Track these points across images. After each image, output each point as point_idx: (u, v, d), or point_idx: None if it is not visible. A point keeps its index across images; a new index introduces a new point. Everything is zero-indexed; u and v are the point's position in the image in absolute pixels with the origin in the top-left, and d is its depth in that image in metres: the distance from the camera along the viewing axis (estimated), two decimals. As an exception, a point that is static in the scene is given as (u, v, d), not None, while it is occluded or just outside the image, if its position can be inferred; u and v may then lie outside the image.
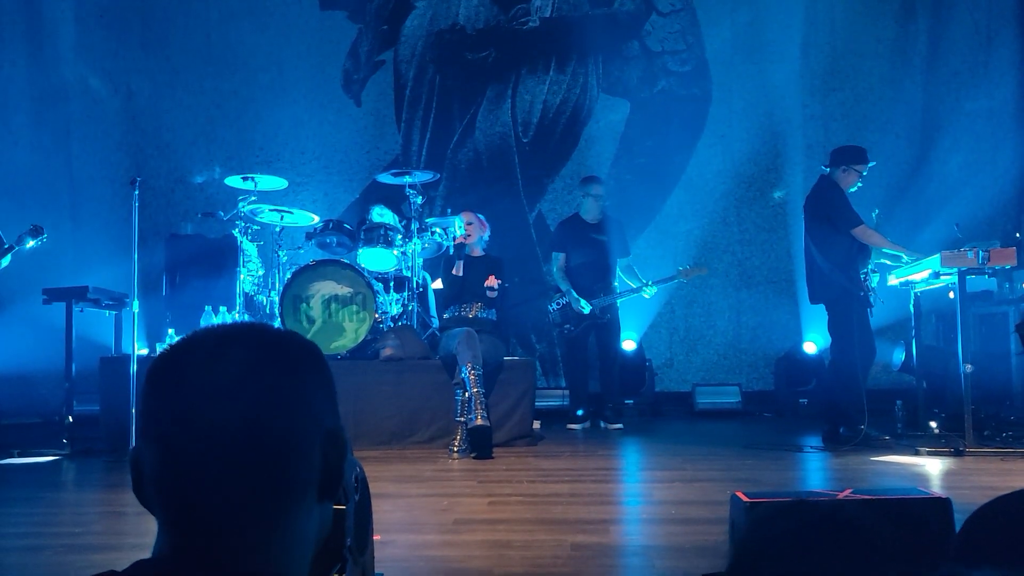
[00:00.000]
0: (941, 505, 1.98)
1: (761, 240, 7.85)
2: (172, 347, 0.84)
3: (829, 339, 5.60)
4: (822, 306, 5.56)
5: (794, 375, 7.33)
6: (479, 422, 4.93)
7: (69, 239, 7.70)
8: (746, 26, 7.92)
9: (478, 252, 5.93)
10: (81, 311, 5.62)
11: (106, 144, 8.02)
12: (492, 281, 5.56)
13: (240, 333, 0.84)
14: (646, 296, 6.59)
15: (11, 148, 7.91)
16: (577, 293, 6.45)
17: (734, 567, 0.75)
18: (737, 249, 7.87)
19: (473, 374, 5.05)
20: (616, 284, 6.61)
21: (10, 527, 3.53)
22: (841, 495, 2.19)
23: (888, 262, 5.49)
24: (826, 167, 5.55)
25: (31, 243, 5.39)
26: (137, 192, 5.95)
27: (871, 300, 5.34)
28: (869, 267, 5.39)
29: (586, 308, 6.41)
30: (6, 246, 5.45)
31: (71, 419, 5.46)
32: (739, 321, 7.81)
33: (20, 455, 5.23)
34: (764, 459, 4.85)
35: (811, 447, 5.24)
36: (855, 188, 5.46)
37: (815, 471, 4.71)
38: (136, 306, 5.83)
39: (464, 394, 5.06)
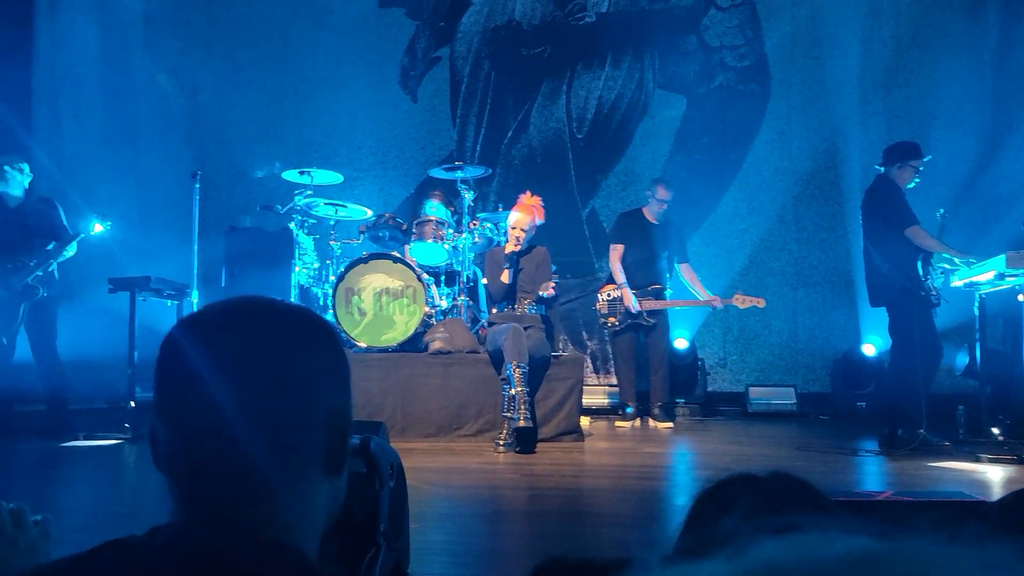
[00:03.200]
0: (980, 508, 1.92)
1: (819, 239, 7.69)
2: (179, 325, 0.86)
3: (890, 341, 5.46)
4: (883, 309, 5.43)
5: (852, 377, 7.16)
6: (522, 423, 4.88)
7: (136, 231, 7.95)
8: (807, 20, 7.76)
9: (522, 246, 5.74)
10: (144, 300, 5.79)
11: (171, 139, 8.25)
12: (550, 290, 5.40)
13: (245, 310, 0.86)
14: (712, 308, 6.53)
15: (83, 143, 8.21)
16: (630, 289, 6.40)
17: (677, 546, 0.75)
18: (794, 248, 7.72)
19: (518, 372, 5.01)
20: (669, 290, 6.53)
21: (72, 505, 3.67)
22: (880, 496, 2.14)
23: (947, 266, 5.32)
24: (880, 166, 5.42)
25: (94, 231, 5.65)
26: (198, 185, 6.14)
27: (934, 300, 5.19)
28: (935, 267, 5.24)
29: (636, 309, 6.33)
30: (72, 234, 5.71)
31: (133, 404, 5.65)
32: (795, 321, 7.66)
33: (85, 438, 5.42)
34: (816, 461, 4.76)
35: (867, 451, 5.11)
36: (913, 184, 5.31)
37: (868, 474, 4.60)
38: (195, 296, 6.01)
39: (511, 390, 5.06)
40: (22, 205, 5.89)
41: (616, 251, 6.53)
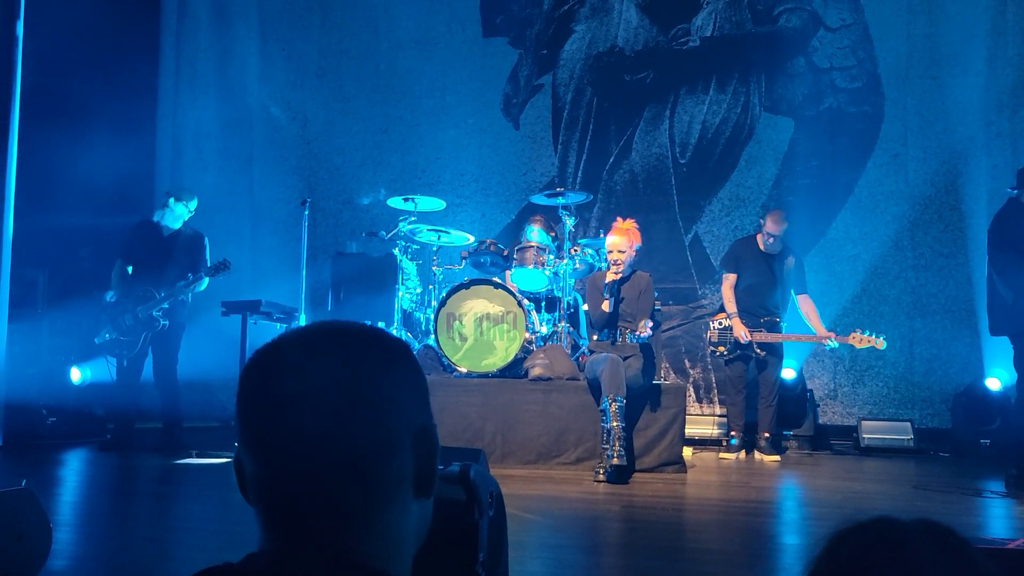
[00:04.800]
0: None
1: (938, 266, 7.30)
2: (262, 350, 0.86)
3: (1015, 375, 5.14)
4: (1007, 341, 5.12)
5: (975, 413, 6.74)
6: (616, 461, 4.77)
7: (248, 256, 8.27)
8: (923, 39, 7.44)
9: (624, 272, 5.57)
10: (255, 323, 6.00)
11: (283, 168, 8.58)
12: (646, 330, 5.19)
13: (327, 334, 0.86)
14: (827, 347, 6.29)
15: (202, 173, 8.62)
16: (742, 318, 6.24)
17: None
18: (911, 275, 7.36)
19: (615, 405, 4.90)
20: (783, 323, 6.32)
21: (182, 522, 3.81)
22: (1012, 544, 1.98)
23: None
24: (1013, 189, 5.12)
25: (220, 276, 6.03)
26: (307, 212, 6.35)
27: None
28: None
29: (745, 339, 6.16)
30: (200, 273, 5.98)
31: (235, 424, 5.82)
32: (912, 352, 7.28)
33: (197, 456, 5.63)
34: (935, 502, 4.49)
35: (992, 492, 4.80)
36: (1049, 212, 5.00)
37: (994, 518, 4.31)
38: (303, 319, 6.18)
39: (607, 424, 4.96)
40: (173, 236, 6.22)
41: (728, 280, 6.40)
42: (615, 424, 4.85)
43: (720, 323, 6.35)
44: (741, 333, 6.17)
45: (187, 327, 6.33)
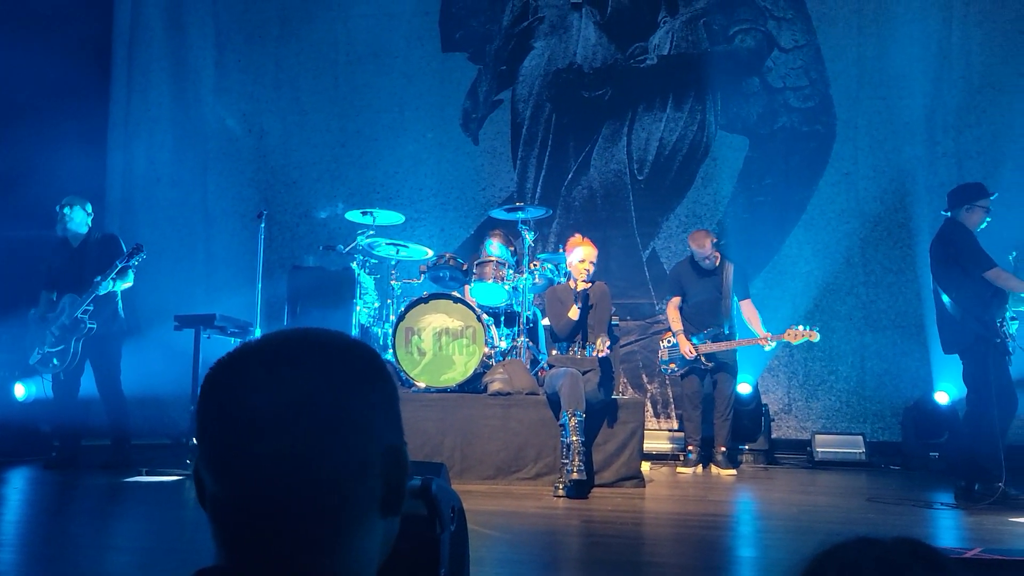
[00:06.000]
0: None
1: (888, 282, 7.46)
2: (225, 362, 0.81)
3: (964, 390, 5.25)
4: (956, 356, 5.24)
5: (924, 426, 6.88)
6: (575, 476, 4.78)
7: (202, 269, 8.14)
8: (873, 60, 7.63)
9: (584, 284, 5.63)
10: (208, 338, 5.86)
11: (239, 180, 8.46)
12: (604, 350, 5.19)
13: (298, 347, 0.81)
14: (766, 349, 6.39)
15: (154, 184, 8.47)
16: (689, 333, 6.34)
17: None
18: (862, 291, 7.51)
19: (574, 420, 4.91)
20: (730, 331, 6.43)
21: (128, 541, 3.70)
22: (969, 554, 2.01)
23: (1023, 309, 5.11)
24: (946, 211, 5.26)
25: (136, 261, 5.79)
26: (263, 225, 6.25)
27: (1009, 347, 4.98)
28: (1008, 312, 5.04)
29: (691, 355, 6.27)
30: (116, 263, 5.77)
31: (195, 441, 5.69)
32: (863, 367, 7.42)
33: (147, 473, 5.49)
34: (888, 514, 4.56)
35: (942, 504, 4.89)
36: (984, 225, 5.14)
37: (945, 529, 4.39)
38: (258, 334, 6.08)
39: (567, 439, 4.96)
40: (83, 243, 6.03)
41: (672, 302, 6.59)
42: (574, 439, 4.85)
43: (668, 341, 6.52)
44: (687, 349, 6.29)
45: (139, 342, 6.18)
